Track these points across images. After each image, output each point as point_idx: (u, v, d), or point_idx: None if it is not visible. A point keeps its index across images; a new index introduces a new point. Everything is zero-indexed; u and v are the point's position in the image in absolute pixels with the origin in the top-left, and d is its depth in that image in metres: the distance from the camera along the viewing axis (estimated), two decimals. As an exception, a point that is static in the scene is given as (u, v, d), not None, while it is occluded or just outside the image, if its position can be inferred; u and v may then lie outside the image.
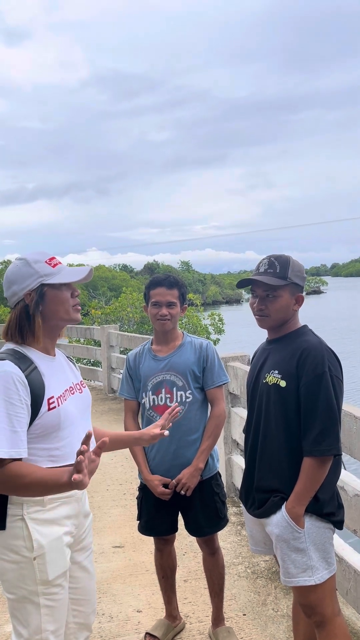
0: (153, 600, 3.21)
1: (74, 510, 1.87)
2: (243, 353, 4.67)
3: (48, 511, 1.78)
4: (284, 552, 2.09)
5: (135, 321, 14.66)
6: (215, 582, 2.81)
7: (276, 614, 3.03)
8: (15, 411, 1.67)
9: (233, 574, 3.47)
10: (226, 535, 3.96)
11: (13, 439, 1.65)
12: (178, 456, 2.62)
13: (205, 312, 17.15)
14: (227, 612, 3.05)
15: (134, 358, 2.74)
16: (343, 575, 2.81)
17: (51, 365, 1.85)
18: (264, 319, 2.18)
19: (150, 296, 2.65)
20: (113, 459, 5.80)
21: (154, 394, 2.64)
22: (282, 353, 2.15)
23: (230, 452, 4.66)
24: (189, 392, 2.62)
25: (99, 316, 14.71)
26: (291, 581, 2.09)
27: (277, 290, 2.13)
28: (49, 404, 1.76)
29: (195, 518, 2.69)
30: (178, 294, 2.64)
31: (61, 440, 1.79)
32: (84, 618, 1.99)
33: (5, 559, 1.76)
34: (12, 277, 1.84)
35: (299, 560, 2.07)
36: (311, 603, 2.10)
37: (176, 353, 2.66)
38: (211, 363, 2.66)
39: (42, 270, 1.82)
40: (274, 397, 2.12)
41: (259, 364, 2.27)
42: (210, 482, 2.69)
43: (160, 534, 2.78)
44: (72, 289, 1.87)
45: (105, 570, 3.60)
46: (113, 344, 9.24)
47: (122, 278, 60.43)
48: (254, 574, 3.47)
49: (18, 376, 1.70)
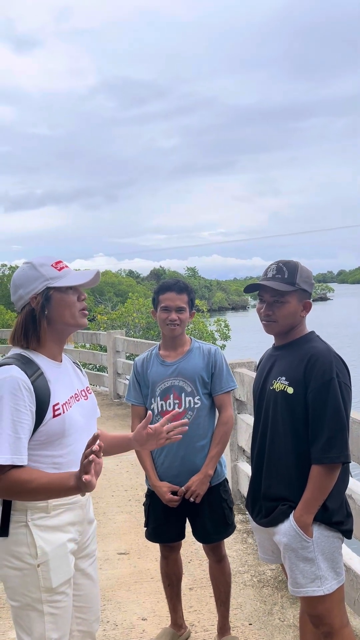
0: (158, 608, 3.18)
1: (78, 517, 1.85)
2: (249, 359, 4.65)
3: (52, 518, 1.76)
4: (292, 562, 2.06)
5: (142, 327, 14.67)
6: (222, 590, 2.78)
7: (282, 623, 3.00)
8: (20, 417, 1.66)
9: (239, 582, 3.44)
10: (232, 543, 3.93)
11: (16, 445, 1.64)
12: (186, 462, 2.61)
13: (211, 318, 17.14)
14: (233, 621, 3.02)
15: (142, 363, 2.72)
16: (351, 585, 2.77)
17: (57, 371, 1.83)
18: (270, 324, 2.16)
19: (159, 301, 2.63)
20: (118, 465, 5.78)
21: (162, 400, 2.63)
22: (289, 359, 2.13)
23: (236, 459, 4.63)
24: (198, 397, 2.61)
25: (105, 321, 14.73)
26: (299, 591, 2.06)
27: (285, 296, 2.11)
28: (54, 411, 1.74)
29: (203, 525, 2.67)
30: (187, 299, 2.63)
31: (65, 447, 1.78)
32: (88, 626, 1.97)
33: (8, 565, 1.74)
34: (18, 281, 1.82)
35: (307, 570, 2.04)
36: (319, 613, 2.07)
37: (185, 358, 2.64)
38: (219, 369, 2.65)
39: (48, 273, 1.81)
40: (281, 403, 2.10)
41: (265, 371, 2.25)
42: (219, 489, 2.68)
43: (167, 541, 2.76)
44: (78, 292, 1.85)
45: (110, 577, 3.58)
46: (119, 349, 9.24)
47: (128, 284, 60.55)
48: (260, 582, 3.43)
49: (24, 382, 1.68)
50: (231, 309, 74.56)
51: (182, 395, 2.61)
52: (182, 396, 2.61)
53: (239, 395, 4.51)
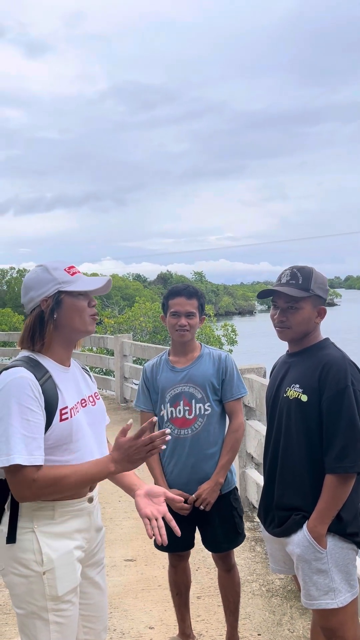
0: (166, 616, 3.14)
1: (85, 524, 1.82)
2: (259, 365, 4.61)
3: (58, 524, 1.73)
4: (305, 574, 2.02)
5: (148, 331, 14.65)
6: (231, 600, 2.74)
7: (292, 634, 2.94)
8: (34, 417, 1.64)
9: (247, 591, 3.39)
10: (240, 552, 3.88)
11: (32, 445, 1.62)
12: (196, 470, 2.57)
13: (218, 323, 17.10)
14: (241, 631, 2.97)
15: (151, 369, 2.69)
16: None
17: (65, 376, 1.81)
18: (284, 330, 2.13)
19: (169, 306, 2.60)
20: (125, 470, 5.74)
21: (172, 406, 2.59)
22: (303, 367, 2.10)
23: (244, 466, 4.58)
24: (208, 404, 2.58)
25: (112, 325, 14.73)
26: (313, 604, 2.02)
27: (299, 302, 2.08)
28: (61, 415, 1.72)
29: (214, 533, 2.63)
30: (197, 304, 2.60)
31: (72, 453, 1.75)
32: (95, 635, 1.93)
33: (14, 572, 1.71)
34: (30, 283, 1.81)
35: (320, 582, 2.00)
36: (333, 626, 2.03)
37: (195, 364, 2.61)
38: (230, 375, 2.61)
39: (60, 277, 1.80)
40: (294, 411, 2.07)
41: (279, 377, 2.21)
42: (229, 497, 2.64)
43: (176, 550, 2.71)
44: (89, 298, 1.84)
45: (116, 584, 3.54)
46: (126, 353, 9.21)
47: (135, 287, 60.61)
48: (269, 592, 3.38)
49: (34, 382, 1.67)
50: (238, 313, 74.47)
51: (192, 402, 2.57)
52: (192, 402, 2.57)
53: (248, 401, 4.46)
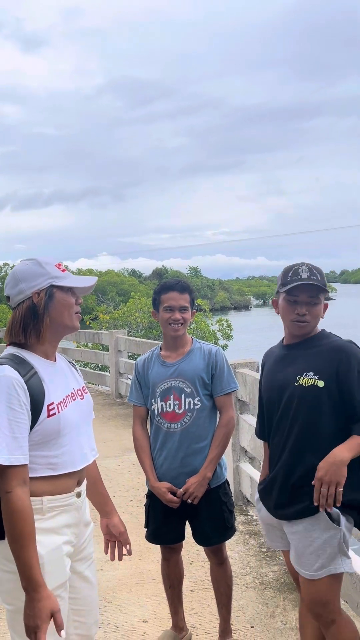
0: (159, 610, 3.16)
1: (73, 519, 1.83)
2: (252, 359, 4.62)
3: (47, 520, 1.74)
4: (317, 545, 2.09)
5: (144, 326, 14.65)
6: (223, 592, 2.75)
7: (285, 626, 2.97)
8: (16, 417, 1.64)
9: (240, 584, 3.41)
10: (233, 545, 3.90)
11: (13, 445, 1.63)
12: (186, 464, 2.58)
13: (213, 318, 17.11)
14: (235, 623, 2.99)
15: (143, 364, 2.70)
16: (354, 588, 2.75)
17: (52, 370, 1.81)
18: (303, 325, 2.19)
19: (161, 301, 2.60)
20: (120, 465, 5.75)
21: (162, 401, 2.60)
22: (312, 356, 2.18)
23: (238, 460, 4.60)
24: (198, 398, 2.58)
25: (107, 321, 14.72)
26: (318, 574, 2.09)
27: (319, 296, 2.18)
28: (48, 411, 1.73)
29: (202, 527, 2.64)
30: (189, 299, 2.62)
31: (60, 447, 1.76)
32: (86, 630, 1.94)
33: (3, 569, 1.71)
34: (21, 275, 1.80)
35: (330, 552, 2.09)
36: (328, 599, 2.09)
37: (185, 359, 2.62)
38: (220, 370, 2.61)
39: (52, 271, 1.81)
40: (311, 397, 2.14)
41: (282, 368, 2.25)
42: (218, 491, 2.64)
43: (167, 542, 2.73)
44: (76, 295, 1.87)
45: (110, 578, 3.55)
46: (121, 348, 9.21)
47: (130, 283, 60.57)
48: (262, 584, 3.40)
49: (18, 381, 1.67)
50: (234, 308, 74.53)
51: (181, 397, 2.58)
52: (181, 397, 2.58)
53: (241, 395, 4.48)
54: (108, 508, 2.10)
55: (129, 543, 2.13)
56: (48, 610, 1.59)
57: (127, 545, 2.13)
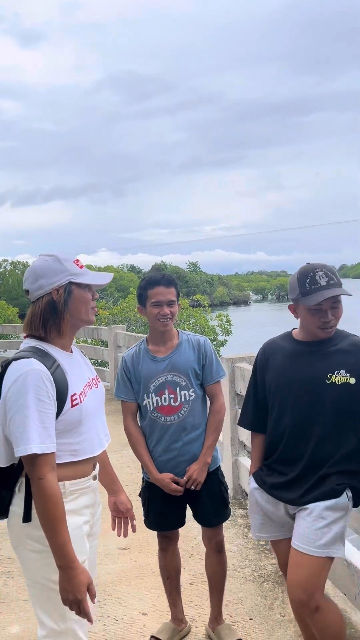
0: (159, 603, 3.18)
1: (91, 500, 1.94)
2: (250, 354, 4.63)
3: (69, 502, 1.83)
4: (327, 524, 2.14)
5: (143, 322, 14.66)
6: (219, 579, 2.83)
7: (283, 618, 2.99)
8: (45, 408, 1.73)
9: (239, 577, 3.43)
10: (232, 538, 3.93)
11: (44, 434, 1.71)
12: (184, 452, 2.65)
13: (212, 313, 17.12)
14: (233, 615, 3.02)
15: (131, 359, 2.70)
16: (352, 580, 2.77)
17: (70, 362, 1.89)
18: (330, 330, 2.24)
19: (148, 296, 2.60)
20: (120, 460, 5.77)
21: (157, 395, 2.63)
22: (340, 354, 2.22)
23: (237, 454, 4.62)
24: (192, 390, 2.64)
25: (107, 316, 14.72)
26: (319, 552, 2.12)
27: (339, 298, 2.22)
28: (72, 401, 1.82)
29: (204, 509, 2.73)
30: (175, 292, 2.65)
31: (81, 434, 1.86)
32: None
33: (29, 549, 1.79)
34: (40, 271, 1.86)
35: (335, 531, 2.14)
36: (313, 580, 2.12)
37: (175, 353, 2.64)
38: (210, 360, 2.69)
39: (71, 268, 1.89)
40: (344, 394, 2.18)
41: (305, 364, 2.25)
42: (217, 473, 2.75)
43: (169, 528, 2.78)
44: (92, 291, 1.94)
45: (110, 572, 3.58)
46: (120, 344, 9.23)
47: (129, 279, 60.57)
48: (261, 577, 3.43)
49: (45, 374, 1.75)
50: (233, 303, 74.53)
51: (176, 390, 2.62)
52: (176, 390, 2.62)
53: (240, 389, 4.49)
54: (116, 487, 2.22)
55: (134, 519, 2.25)
56: (85, 583, 1.72)
57: (133, 521, 2.25)
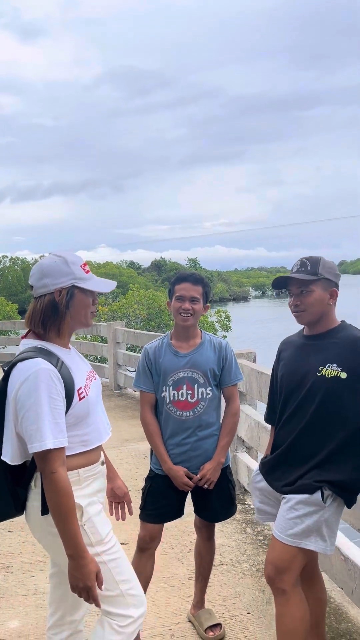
0: (157, 597, 3.20)
1: (102, 484, 2.05)
2: (249, 350, 4.64)
3: (84, 488, 1.93)
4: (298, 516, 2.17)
5: (142, 318, 14.67)
6: (206, 566, 2.93)
7: (281, 612, 3.01)
8: (55, 404, 1.80)
9: (237, 571, 3.45)
10: (231, 533, 3.95)
11: (56, 430, 1.78)
12: (196, 447, 2.71)
13: (212, 309, 17.14)
14: (231, 610, 3.04)
15: (154, 352, 2.75)
16: (349, 575, 2.78)
17: (70, 357, 1.96)
18: (300, 314, 2.30)
19: (174, 291, 2.70)
20: (119, 456, 5.79)
21: (175, 390, 2.68)
22: (335, 347, 2.25)
23: (236, 450, 4.64)
24: (209, 388, 2.70)
25: (106, 313, 14.74)
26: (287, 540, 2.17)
27: (310, 286, 2.25)
28: (79, 395, 1.90)
29: (212, 505, 2.78)
30: (202, 291, 2.69)
31: (89, 425, 1.96)
32: None
33: (57, 535, 1.82)
34: (47, 270, 1.91)
35: (307, 524, 2.16)
36: (283, 565, 2.16)
37: (197, 351, 2.71)
38: (229, 363, 2.75)
39: (77, 272, 1.93)
40: (334, 388, 2.21)
41: (304, 357, 2.32)
42: (226, 472, 2.80)
43: (167, 519, 2.81)
44: (94, 296, 2.00)
45: (109, 567, 3.59)
46: (119, 340, 9.24)
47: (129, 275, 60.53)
48: (259, 572, 3.45)
49: (53, 372, 1.82)
50: (232, 299, 74.53)
51: (194, 386, 2.68)
52: (194, 387, 2.68)
53: (239, 386, 4.50)
54: (112, 474, 2.29)
55: (131, 502, 2.32)
56: (94, 572, 1.81)
57: (130, 504, 2.32)
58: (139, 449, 5.94)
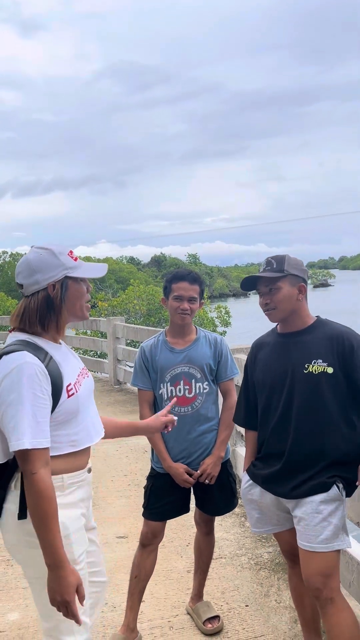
0: (156, 590, 3.22)
1: (86, 493, 1.93)
2: (247, 345, 4.65)
3: (67, 495, 1.83)
4: (324, 517, 2.16)
5: (142, 313, 14.69)
6: (205, 560, 2.95)
7: (279, 605, 3.03)
8: (38, 402, 1.70)
9: (236, 565, 3.48)
10: (229, 527, 3.97)
11: (36, 429, 1.68)
12: (196, 442, 2.73)
13: (211, 305, 17.14)
14: (230, 602, 3.06)
15: (150, 349, 2.77)
16: (346, 567, 2.80)
17: (60, 352, 1.86)
18: (271, 312, 2.29)
19: (172, 289, 2.70)
20: (118, 450, 5.81)
21: (172, 386, 2.71)
22: (317, 343, 2.24)
23: (235, 444, 4.66)
24: (206, 383, 2.73)
25: (106, 308, 14.75)
26: (322, 547, 2.14)
27: (276, 283, 2.25)
28: (67, 392, 1.80)
29: (214, 499, 2.80)
30: (199, 290, 2.72)
31: (79, 424, 1.85)
32: (100, 587, 2.06)
33: (31, 545, 1.74)
34: (36, 265, 1.81)
35: (335, 524, 2.16)
36: (326, 571, 2.14)
37: (193, 346, 2.74)
38: (225, 357, 2.78)
39: (67, 262, 1.84)
40: (324, 384, 2.21)
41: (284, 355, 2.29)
42: (226, 466, 2.83)
43: (172, 516, 2.80)
44: (87, 283, 1.90)
45: (108, 560, 3.61)
46: (119, 335, 9.25)
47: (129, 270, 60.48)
48: (257, 565, 3.47)
49: (39, 367, 1.72)
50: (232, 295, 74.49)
51: (192, 382, 2.71)
52: (192, 382, 2.71)
53: (237, 380, 4.51)
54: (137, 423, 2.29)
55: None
56: (74, 585, 1.69)
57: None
58: (138, 443, 5.96)
